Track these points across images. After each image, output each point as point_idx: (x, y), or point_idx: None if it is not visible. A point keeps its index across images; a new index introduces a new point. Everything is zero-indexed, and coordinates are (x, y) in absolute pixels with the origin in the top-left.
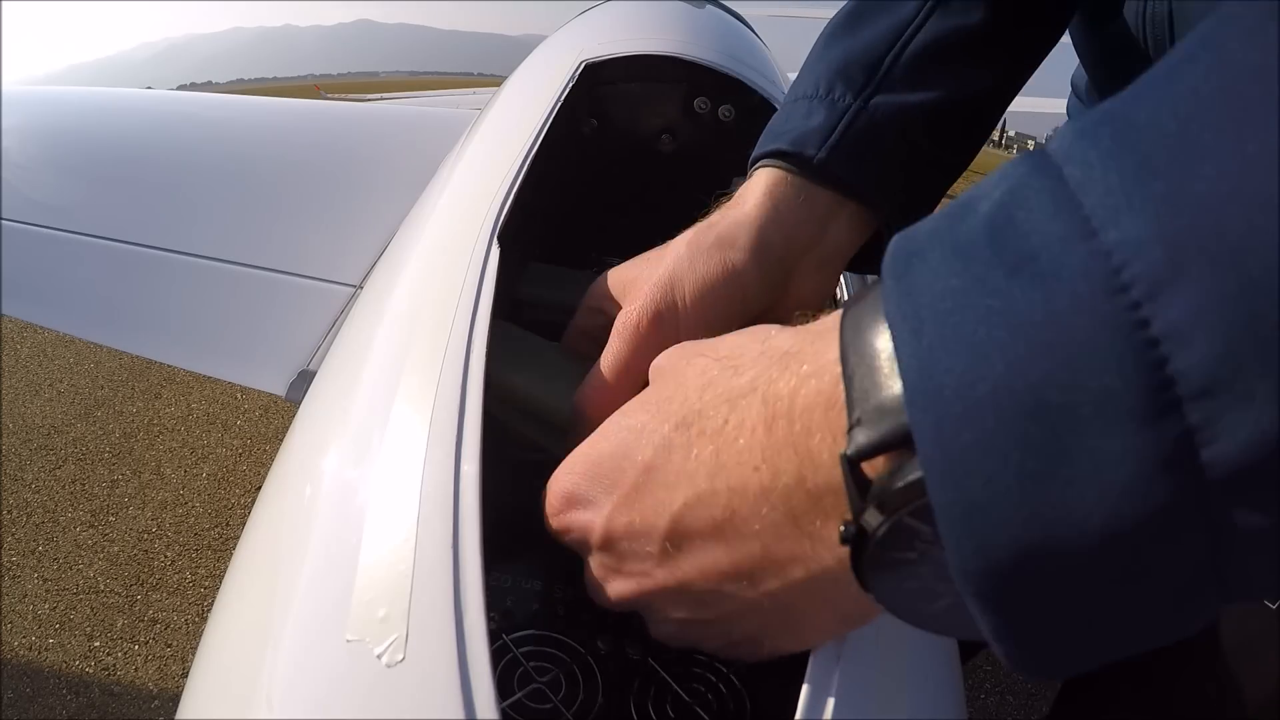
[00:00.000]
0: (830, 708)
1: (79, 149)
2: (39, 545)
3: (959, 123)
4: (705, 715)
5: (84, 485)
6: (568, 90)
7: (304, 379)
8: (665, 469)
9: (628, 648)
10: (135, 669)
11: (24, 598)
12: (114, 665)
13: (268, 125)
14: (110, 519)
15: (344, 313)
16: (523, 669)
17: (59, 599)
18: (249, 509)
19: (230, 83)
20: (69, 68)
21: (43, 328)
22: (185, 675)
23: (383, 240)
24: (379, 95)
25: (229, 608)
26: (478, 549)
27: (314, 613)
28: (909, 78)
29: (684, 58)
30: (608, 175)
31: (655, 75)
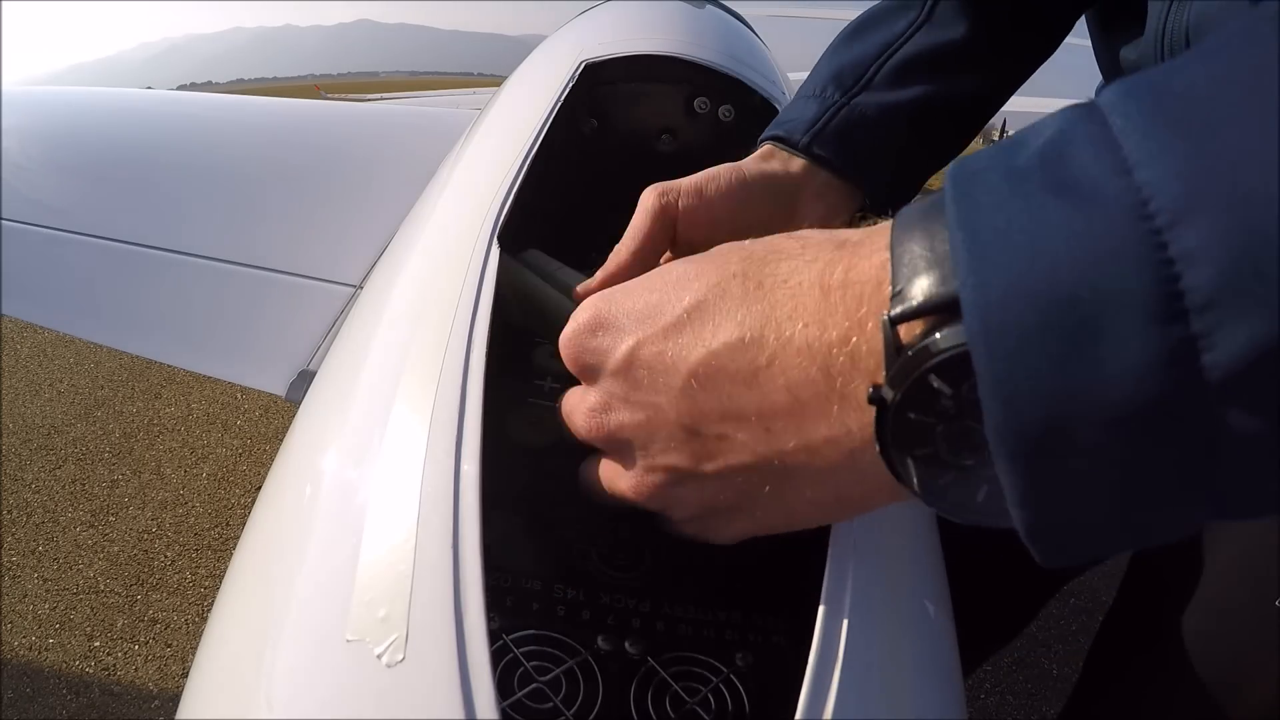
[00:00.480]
0: (830, 708)
1: (79, 149)
2: (39, 545)
3: (942, 119)
4: (705, 715)
5: (84, 485)
6: (568, 90)
7: (304, 379)
8: (714, 309)
9: (628, 647)
10: (135, 669)
11: (24, 598)
12: (114, 665)
13: (268, 125)
14: (110, 519)
15: (344, 313)
16: (523, 669)
17: (59, 599)
18: (249, 509)
19: (230, 83)
20: (69, 68)
21: (43, 328)
22: (185, 675)
23: (383, 240)
24: (379, 95)
25: (229, 608)
26: (478, 549)
27: (314, 613)
28: (892, 81)
29: (684, 58)
30: (608, 175)
31: (655, 75)
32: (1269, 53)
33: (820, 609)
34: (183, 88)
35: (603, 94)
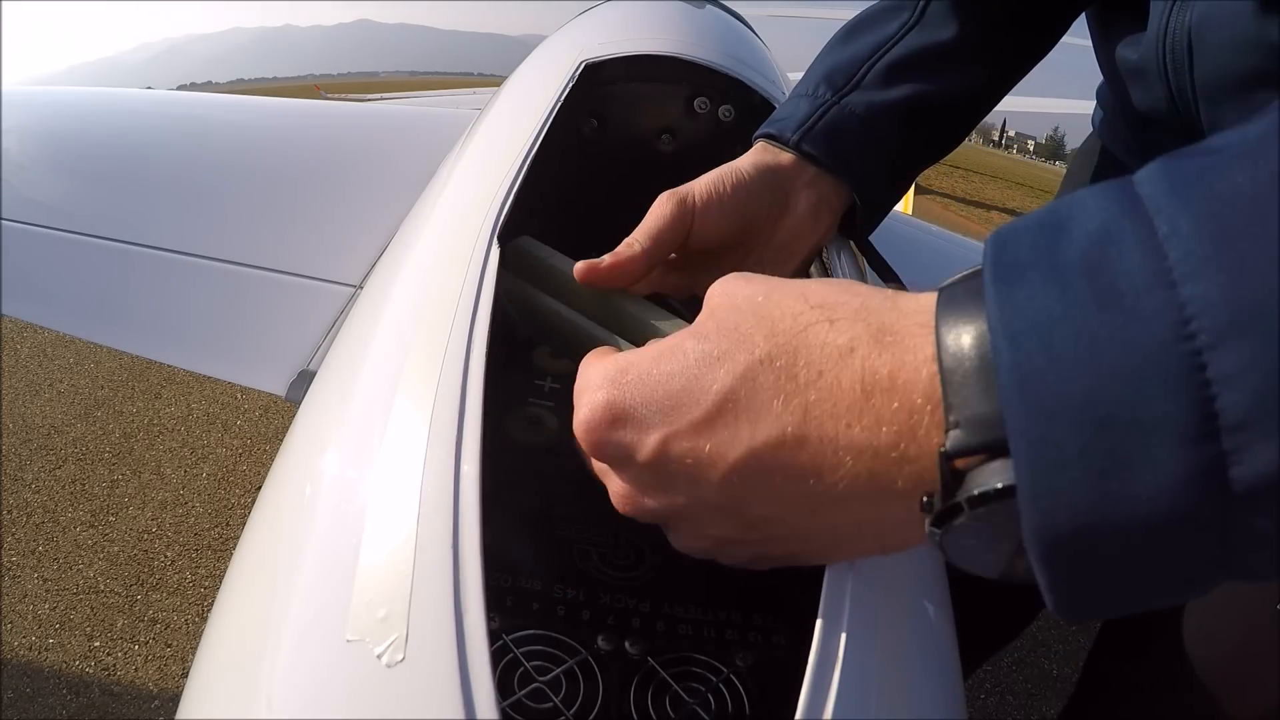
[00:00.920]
0: (830, 708)
1: (79, 149)
2: (39, 545)
3: (932, 118)
4: (705, 715)
5: (84, 485)
6: (568, 90)
7: (304, 379)
8: (749, 402)
9: (628, 647)
10: (135, 669)
11: (24, 598)
12: (114, 665)
13: (268, 125)
14: (110, 519)
15: (344, 313)
16: (523, 669)
17: (59, 599)
18: (249, 509)
19: (230, 83)
20: (69, 68)
21: (43, 328)
22: (185, 675)
23: (383, 240)
24: (379, 95)
25: (229, 608)
26: (478, 549)
27: (314, 613)
28: (882, 81)
29: (684, 58)
30: (608, 175)
31: (655, 75)
32: None
33: (820, 609)
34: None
35: (603, 94)
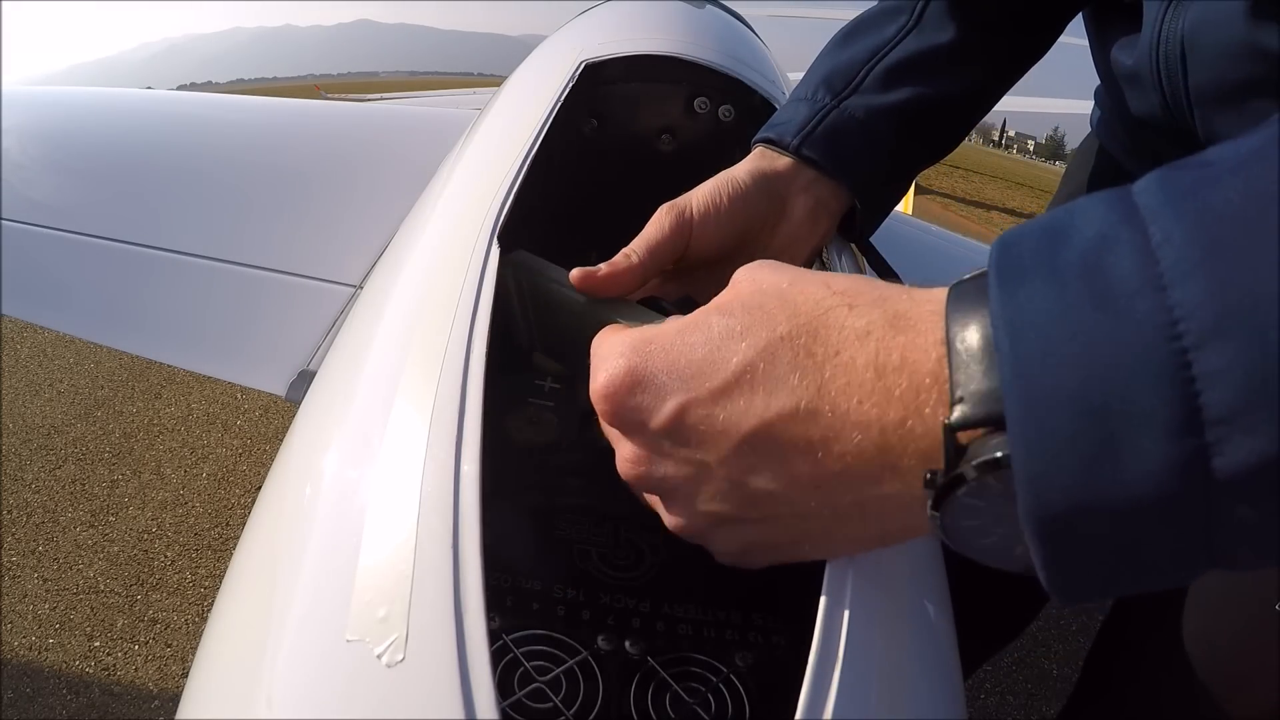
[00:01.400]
0: (830, 708)
1: (79, 149)
2: (39, 545)
3: (931, 121)
4: (705, 715)
5: (84, 485)
6: (568, 90)
7: (304, 379)
8: (767, 374)
9: (628, 647)
10: (135, 669)
11: (24, 598)
12: (114, 665)
13: (268, 125)
14: (110, 519)
15: (344, 313)
16: (523, 669)
17: (59, 599)
18: (249, 509)
19: (230, 83)
20: (69, 68)
21: (43, 328)
22: (185, 675)
23: (383, 240)
24: (379, 95)
25: (229, 608)
26: (478, 549)
27: (314, 613)
28: (881, 84)
29: (684, 58)
30: (608, 175)
31: (655, 75)
32: None
33: (820, 609)
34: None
35: (603, 94)
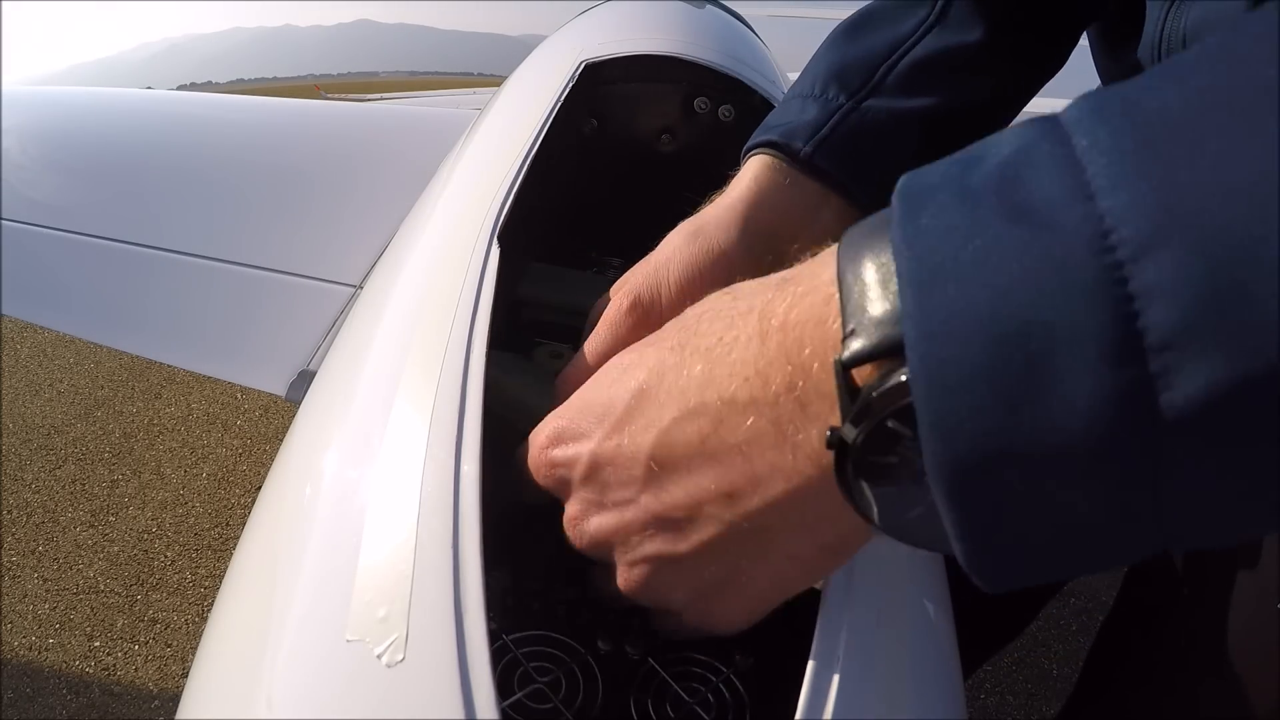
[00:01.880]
0: (830, 708)
1: (79, 149)
2: (39, 545)
3: (957, 129)
4: (705, 715)
5: (84, 485)
6: (568, 90)
7: (304, 379)
8: (658, 389)
9: (628, 648)
10: (135, 669)
11: (24, 598)
12: (114, 665)
13: (268, 125)
14: (110, 519)
15: (344, 313)
16: (523, 669)
17: (59, 599)
18: (249, 509)
19: (230, 83)
20: (69, 68)
21: (43, 328)
22: (185, 675)
23: (383, 240)
24: (379, 95)
25: (229, 608)
26: (478, 549)
27: (314, 613)
28: (904, 85)
29: (684, 58)
30: (608, 175)
31: (655, 75)
32: (1247, 74)
33: (820, 609)
34: (183, 88)
35: (603, 94)
